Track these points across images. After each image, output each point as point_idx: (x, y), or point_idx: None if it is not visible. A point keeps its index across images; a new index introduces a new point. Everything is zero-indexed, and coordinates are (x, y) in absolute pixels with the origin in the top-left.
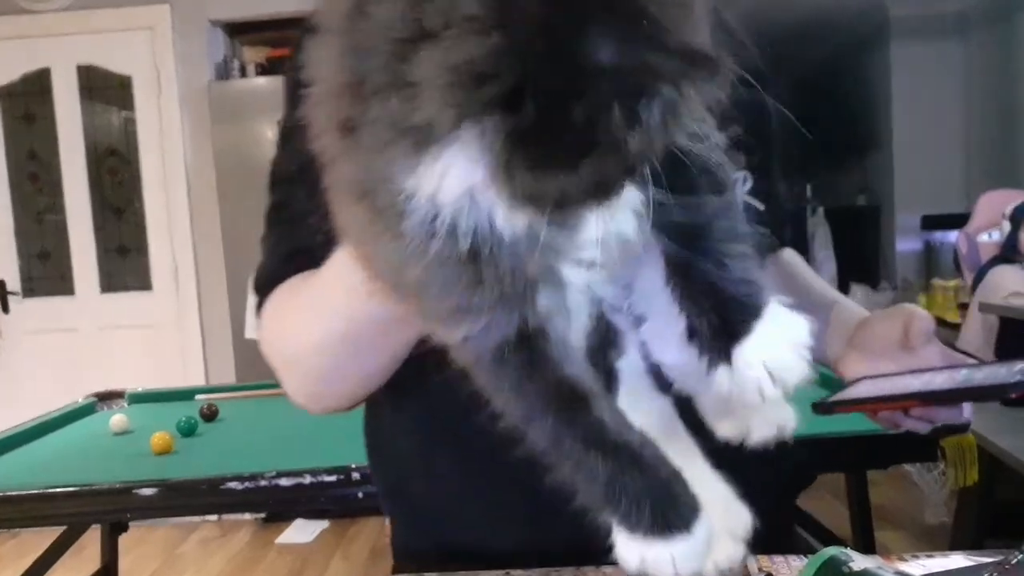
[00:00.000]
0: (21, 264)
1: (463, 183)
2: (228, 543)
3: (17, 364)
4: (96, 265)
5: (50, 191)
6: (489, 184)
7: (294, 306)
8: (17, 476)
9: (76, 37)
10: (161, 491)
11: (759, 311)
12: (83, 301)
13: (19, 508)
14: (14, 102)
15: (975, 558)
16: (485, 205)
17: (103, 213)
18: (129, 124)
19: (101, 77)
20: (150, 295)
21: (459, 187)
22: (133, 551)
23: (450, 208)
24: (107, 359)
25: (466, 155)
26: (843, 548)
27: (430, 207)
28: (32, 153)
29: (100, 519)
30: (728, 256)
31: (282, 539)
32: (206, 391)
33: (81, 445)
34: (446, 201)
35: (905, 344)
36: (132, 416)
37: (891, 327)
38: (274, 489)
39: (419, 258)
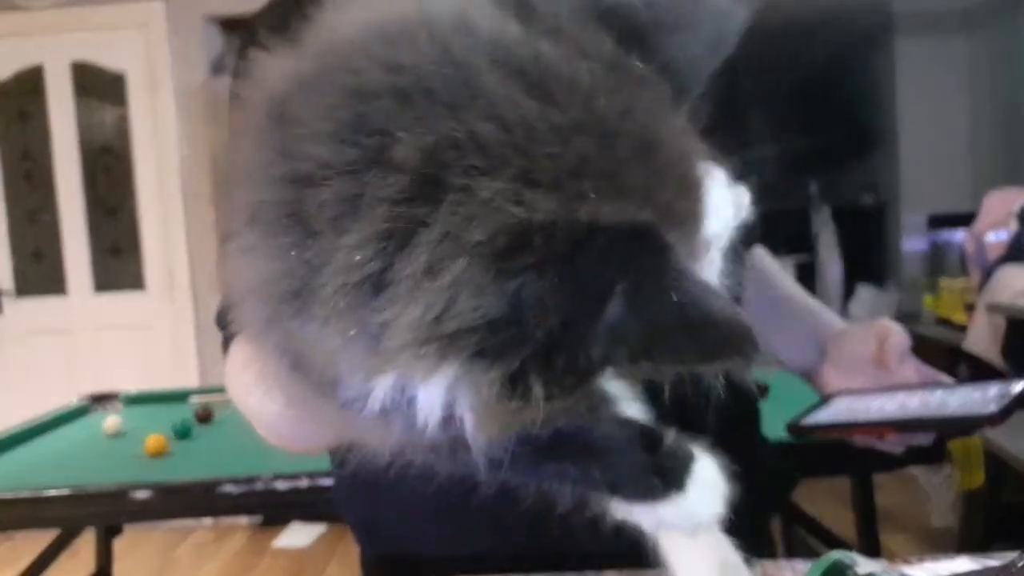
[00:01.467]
0: (14, 264)
1: (436, 407)
2: (224, 547)
3: (10, 365)
4: (90, 265)
5: (43, 190)
6: (466, 417)
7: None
8: (10, 478)
9: (69, 34)
10: (156, 494)
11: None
12: (76, 301)
13: (12, 511)
14: (7, 100)
15: (982, 561)
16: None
17: (96, 212)
18: (123, 122)
19: (95, 74)
20: (144, 295)
21: (429, 407)
22: (128, 555)
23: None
24: (100, 360)
25: (447, 390)
26: (848, 552)
27: (382, 405)
28: (25, 152)
29: (94, 522)
30: None
31: (278, 543)
32: (201, 393)
33: (75, 447)
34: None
35: (880, 360)
36: (126, 418)
37: (866, 343)
38: (270, 492)
39: (370, 430)
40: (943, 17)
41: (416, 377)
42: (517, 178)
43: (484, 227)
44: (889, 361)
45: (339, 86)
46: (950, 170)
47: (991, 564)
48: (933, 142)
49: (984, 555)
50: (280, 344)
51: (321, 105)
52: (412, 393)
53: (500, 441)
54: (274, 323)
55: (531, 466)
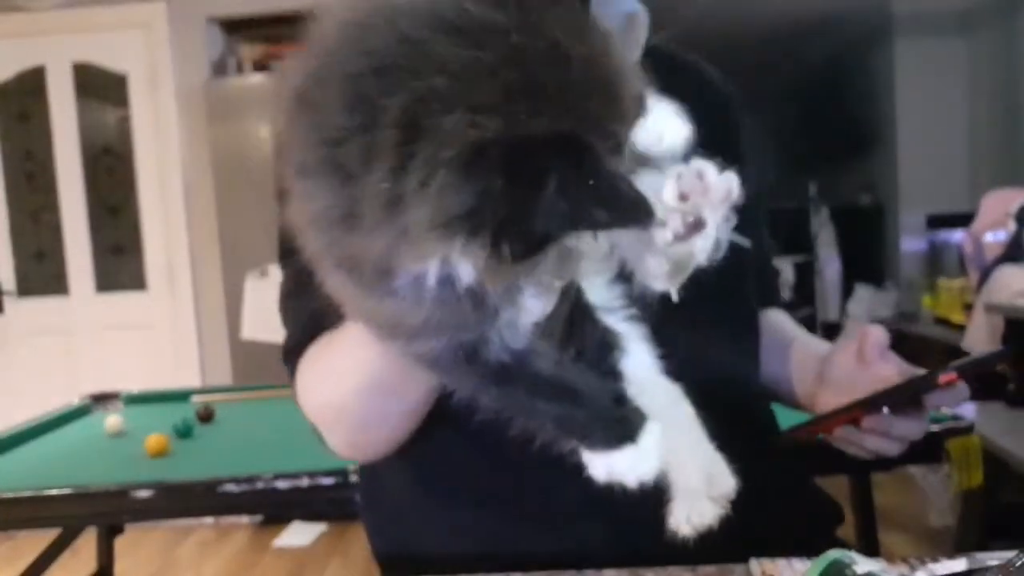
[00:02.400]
0: (16, 264)
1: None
2: (225, 546)
3: (12, 365)
4: (91, 265)
5: (45, 190)
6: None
7: (321, 370)
8: (12, 478)
9: (71, 35)
10: (157, 493)
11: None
12: (78, 301)
13: (14, 510)
14: (9, 100)
15: (980, 561)
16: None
17: (98, 212)
18: (125, 122)
19: (96, 75)
20: (145, 295)
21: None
22: (129, 554)
23: (438, 282)
24: (102, 360)
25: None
26: (847, 551)
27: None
28: (27, 152)
29: (96, 521)
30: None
31: (279, 542)
32: (202, 392)
33: (76, 447)
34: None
35: (860, 357)
36: (128, 418)
37: (849, 350)
38: (271, 491)
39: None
40: (942, 18)
41: (434, 255)
42: (469, 110)
43: (452, 148)
44: (868, 355)
45: (336, 73)
46: (948, 171)
47: (989, 563)
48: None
49: (982, 554)
50: (337, 260)
51: (329, 90)
52: (435, 269)
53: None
54: (332, 243)
55: (528, 402)
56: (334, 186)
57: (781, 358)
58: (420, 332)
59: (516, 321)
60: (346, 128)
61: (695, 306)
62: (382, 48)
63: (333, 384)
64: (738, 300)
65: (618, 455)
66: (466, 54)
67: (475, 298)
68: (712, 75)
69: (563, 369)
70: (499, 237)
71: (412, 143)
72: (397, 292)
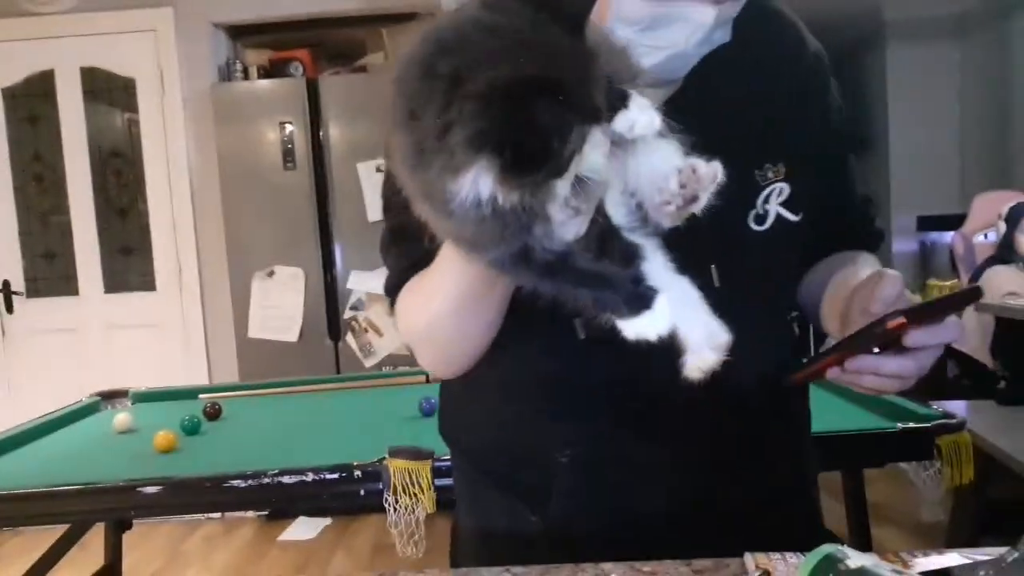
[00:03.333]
0: (25, 264)
1: (483, 184)
2: (231, 540)
3: (22, 364)
4: (100, 265)
5: (54, 192)
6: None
7: (419, 296)
8: (22, 475)
9: (80, 39)
10: (165, 489)
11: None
12: (87, 301)
13: (24, 506)
14: (18, 104)
15: (971, 556)
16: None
17: (107, 214)
18: (132, 126)
19: (104, 79)
20: (154, 295)
21: (482, 186)
22: (137, 549)
23: (475, 196)
24: (111, 359)
25: (483, 171)
26: (839, 545)
27: (464, 198)
28: (36, 154)
29: (104, 517)
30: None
31: (285, 536)
32: (209, 390)
33: (85, 444)
34: (473, 194)
35: (867, 308)
36: (136, 415)
37: (866, 295)
38: (277, 487)
39: (462, 223)
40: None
41: (468, 169)
42: (489, 68)
43: (476, 98)
44: (876, 309)
45: (416, 57)
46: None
47: (980, 558)
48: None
49: (973, 550)
50: (417, 191)
51: (411, 68)
52: (469, 187)
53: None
54: (413, 177)
55: (573, 288)
56: (411, 130)
57: (821, 292)
58: (479, 243)
59: (551, 233)
60: (417, 87)
61: (725, 271)
62: (441, 39)
63: (426, 305)
64: (780, 272)
65: (640, 319)
66: (490, 39)
67: (500, 216)
68: (805, 35)
69: (595, 264)
70: (508, 152)
71: (454, 89)
72: (454, 212)
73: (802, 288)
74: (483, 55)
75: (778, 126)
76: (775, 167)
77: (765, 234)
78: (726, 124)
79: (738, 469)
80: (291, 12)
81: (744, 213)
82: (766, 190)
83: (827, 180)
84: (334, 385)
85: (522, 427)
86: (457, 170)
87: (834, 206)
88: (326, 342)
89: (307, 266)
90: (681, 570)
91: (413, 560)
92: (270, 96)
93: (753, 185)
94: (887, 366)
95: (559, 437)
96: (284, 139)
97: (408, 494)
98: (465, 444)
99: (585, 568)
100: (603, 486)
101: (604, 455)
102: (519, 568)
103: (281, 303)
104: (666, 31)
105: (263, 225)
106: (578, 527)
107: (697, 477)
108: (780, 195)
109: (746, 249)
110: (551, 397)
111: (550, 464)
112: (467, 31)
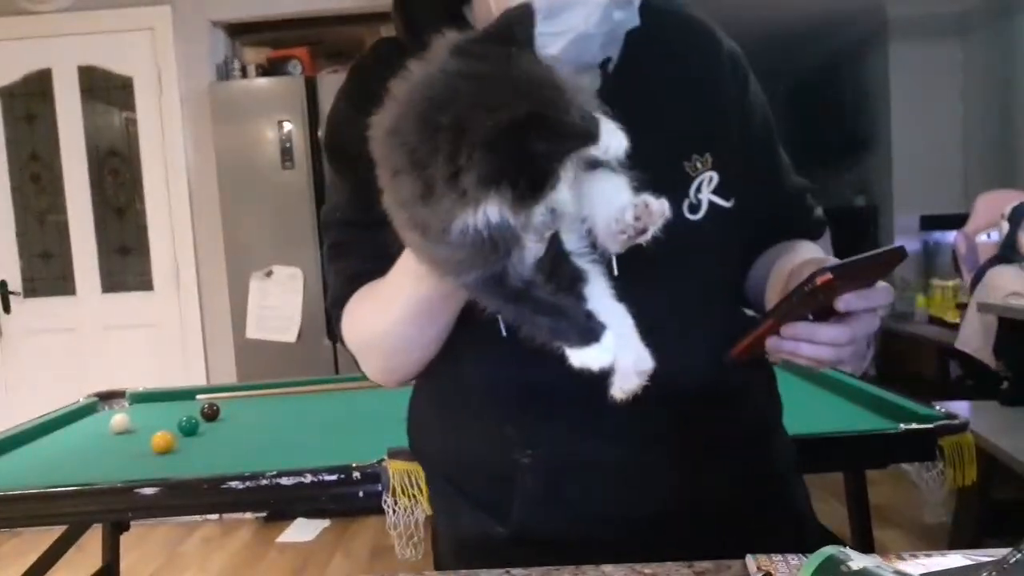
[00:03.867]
0: (23, 264)
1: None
2: (229, 542)
3: (19, 364)
4: (97, 265)
5: (51, 192)
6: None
7: (369, 306)
8: (19, 476)
9: (77, 38)
10: (162, 490)
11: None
12: (84, 301)
13: (21, 507)
14: (15, 103)
15: (974, 557)
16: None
17: (104, 213)
18: (130, 125)
19: (102, 78)
20: (151, 295)
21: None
22: (134, 550)
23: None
24: (108, 359)
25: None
26: (842, 547)
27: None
28: (33, 154)
29: (102, 518)
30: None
31: (283, 538)
32: (207, 391)
33: (82, 445)
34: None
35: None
36: (133, 416)
37: (803, 274)
38: (275, 488)
39: (457, 249)
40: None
41: (480, 204)
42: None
43: (483, 145)
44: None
45: (411, 110)
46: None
47: (983, 560)
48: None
49: (976, 551)
50: (414, 225)
51: (407, 121)
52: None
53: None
54: (412, 214)
55: (532, 316)
56: (415, 177)
57: (764, 285)
58: (465, 267)
59: (523, 258)
60: (419, 139)
61: (666, 262)
62: (434, 95)
63: (380, 315)
64: (720, 259)
65: (587, 350)
66: (479, 89)
67: (494, 240)
68: (720, 35)
69: (554, 296)
70: (516, 181)
71: (460, 139)
72: (452, 240)
73: (747, 283)
74: (478, 103)
75: (701, 117)
76: (702, 157)
77: (700, 223)
78: (651, 117)
79: (699, 467)
80: (289, 10)
81: (678, 203)
82: (697, 179)
83: (756, 171)
84: (332, 386)
85: (481, 433)
86: (467, 206)
87: (767, 195)
88: (324, 342)
89: (305, 266)
90: (682, 571)
91: (412, 562)
92: (268, 95)
93: (683, 176)
94: (822, 333)
95: (517, 439)
96: (282, 138)
97: (407, 495)
98: (430, 455)
99: (586, 570)
100: (563, 487)
101: (563, 455)
102: (519, 570)
103: (279, 303)
104: (567, 15)
105: (261, 225)
106: (542, 530)
107: (654, 477)
108: (711, 183)
109: (684, 239)
110: (500, 401)
111: (512, 470)
112: (455, 84)
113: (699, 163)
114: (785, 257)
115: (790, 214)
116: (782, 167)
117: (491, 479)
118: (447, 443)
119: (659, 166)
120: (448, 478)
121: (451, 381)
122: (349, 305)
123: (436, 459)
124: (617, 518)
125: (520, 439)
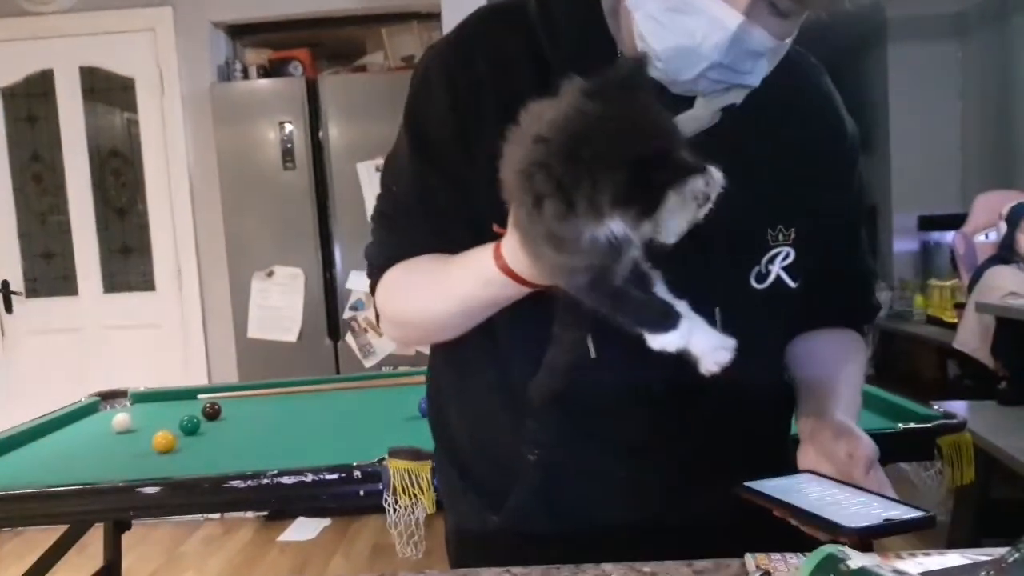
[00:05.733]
0: (24, 264)
1: (616, 227)
2: (230, 541)
3: (20, 364)
4: (99, 265)
5: (53, 192)
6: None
7: (421, 288)
8: (20, 475)
9: (79, 39)
10: (164, 490)
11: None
12: (86, 301)
13: (23, 507)
14: (17, 103)
15: (972, 556)
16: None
17: (106, 214)
18: (132, 125)
19: (104, 79)
20: (153, 295)
21: (616, 229)
22: (136, 549)
23: (607, 236)
24: (110, 359)
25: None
26: (840, 546)
27: (597, 238)
28: (35, 154)
29: (103, 517)
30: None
31: (284, 537)
32: (208, 390)
33: (84, 444)
34: (607, 235)
35: (847, 472)
36: (135, 415)
37: (837, 447)
38: (276, 487)
39: (588, 255)
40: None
41: (609, 221)
42: (623, 158)
43: (622, 180)
44: (855, 473)
45: (557, 149)
46: (940, 173)
47: (981, 559)
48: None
49: (974, 550)
50: (552, 235)
51: (554, 159)
52: (602, 231)
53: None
54: (558, 226)
55: (622, 308)
56: (558, 200)
57: (803, 367)
58: (580, 271)
59: (626, 262)
60: (563, 170)
61: (732, 327)
62: (572, 131)
63: (430, 301)
64: (770, 330)
65: (666, 335)
66: (615, 130)
67: (614, 248)
68: (842, 112)
69: (641, 292)
70: (638, 202)
71: (600, 170)
72: (583, 248)
73: (788, 348)
74: (613, 140)
75: (801, 190)
76: (786, 230)
77: (763, 293)
78: (748, 178)
79: (698, 488)
80: (290, 11)
81: (748, 268)
82: (772, 250)
83: (835, 249)
84: (334, 385)
85: (500, 424)
86: (600, 221)
87: (836, 275)
88: (326, 342)
89: (307, 266)
90: (682, 571)
91: (413, 561)
92: (269, 96)
93: (762, 242)
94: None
95: (532, 436)
96: (283, 139)
97: (408, 494)
98: (445, 435)
99: (585, 569)
100: (563, 488)
101: (569, 459)
102: (519, 568)
103: (281, 303)
104: (686, 18)
105: (262, 225)
106: (533, 526)
107: (656, 491)
108: (785, 259)
109: (739, 304)
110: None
111: (518, 463)
112: (593, 123)
113: (781, 235)
114: (824, 366)
115: (852, 298)
116: (860, 250)
117: (496, 466)
118: (464, 416)
119: (742, 223)
120: (454, 456)
121: (490, 367)
122: (395, 273)
123: (449, 431)
124: (613, 526)
125: (535, 437)
